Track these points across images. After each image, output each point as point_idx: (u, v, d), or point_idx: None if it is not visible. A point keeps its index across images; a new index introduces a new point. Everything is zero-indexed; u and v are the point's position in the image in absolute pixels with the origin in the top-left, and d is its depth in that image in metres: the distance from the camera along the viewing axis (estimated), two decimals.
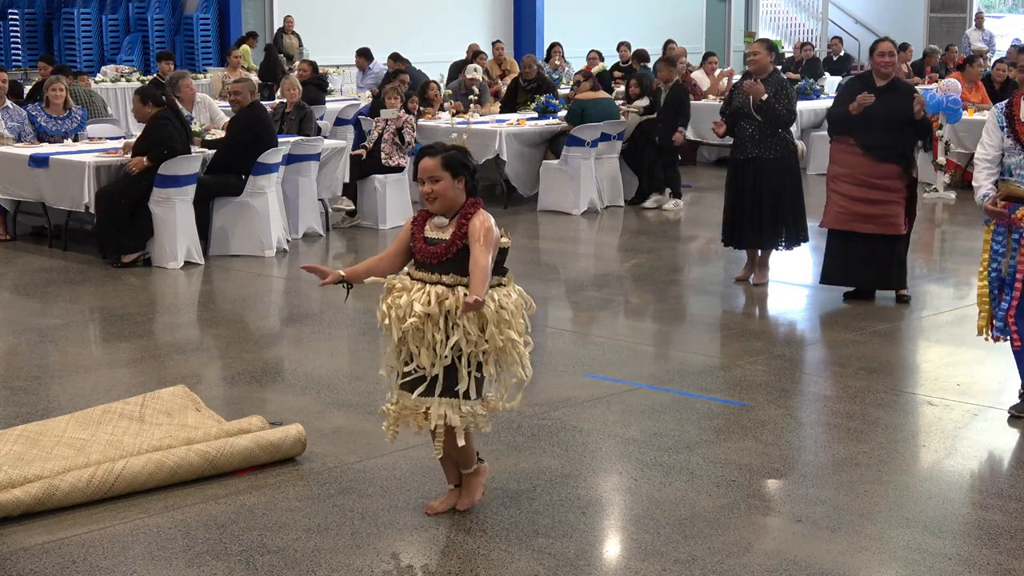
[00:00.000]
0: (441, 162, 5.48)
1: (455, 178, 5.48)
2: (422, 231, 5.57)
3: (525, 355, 5.60)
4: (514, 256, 12.62)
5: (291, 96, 14.45)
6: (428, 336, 5.42)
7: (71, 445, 6.46)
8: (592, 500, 6.08)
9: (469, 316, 5.36)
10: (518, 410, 7.26)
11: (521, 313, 5.60)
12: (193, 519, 5.82)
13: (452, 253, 5.44)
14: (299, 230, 13.06)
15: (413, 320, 5.39)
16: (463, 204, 5.52)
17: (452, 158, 5.51)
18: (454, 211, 5.51)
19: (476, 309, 5.27)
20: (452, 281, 5.43)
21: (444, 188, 5.47)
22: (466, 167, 5.54)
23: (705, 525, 5.72)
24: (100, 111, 16.05)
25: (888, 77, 9.79)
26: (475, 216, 5.47)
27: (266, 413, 6.99)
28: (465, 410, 5.52)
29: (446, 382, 5.47)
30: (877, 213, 9.83)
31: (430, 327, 5.41)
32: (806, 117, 18.30)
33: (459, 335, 5.39)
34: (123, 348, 8.99)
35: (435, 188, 5.47)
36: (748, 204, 10.58)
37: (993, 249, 7.23)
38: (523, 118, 16.00)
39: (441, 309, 5.40)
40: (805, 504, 5.98)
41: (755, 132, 10.46)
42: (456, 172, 5.49)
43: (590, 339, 9.30)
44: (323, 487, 6.18)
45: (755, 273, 10.80)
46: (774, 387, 8.00)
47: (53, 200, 12.25)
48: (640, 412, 7.38)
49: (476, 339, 5.42)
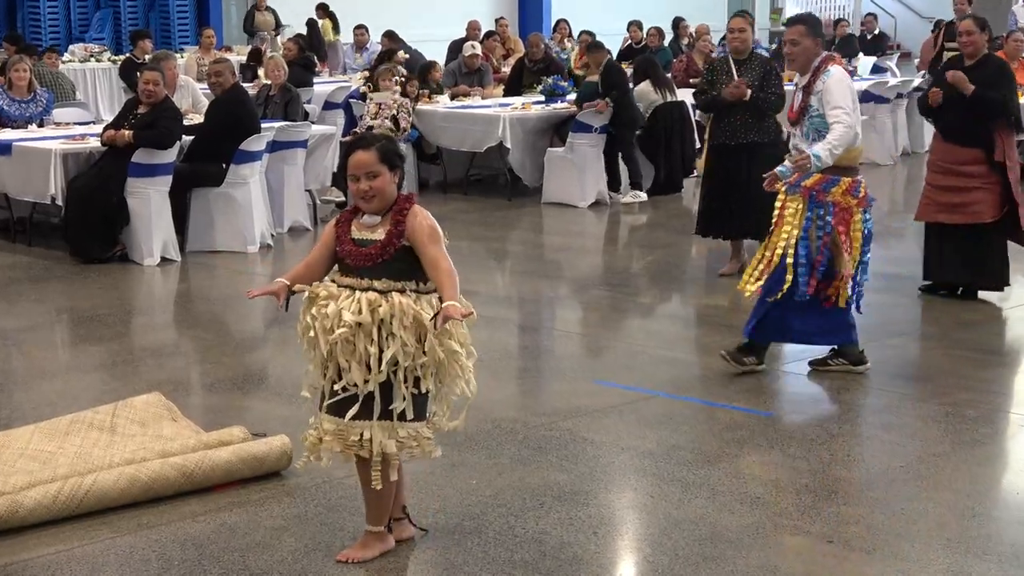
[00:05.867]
0: (378, 155, 5.30)
1: (392, 172, 5.32)
2: (348, 232, 5.37)
3: (468, 368, 5.38)
4: (517, 252, 12.73)
5: (276, 78, 14.46)
6: (360, 349, 5.23)
7: (36, 458, 6.45)
8: (604, 519, 6.07)
9: (405, 325, 5.18)
10: (523, 420, 7.28)
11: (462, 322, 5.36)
12: (169, 538, 5.81)
13: (389, 254, 5.25)
14: (284, 224, 13.06)
15: (342, 331, 5.21)
16: (395, 200, 5.35)
17: (388, 150, 5.34)
18: (386, 208, 5.34)
19: (466, 317, 5.13)
20: (384, 287, 5.25)
21: (383, 184, 5.29)
22: (401, 158, 5.42)
23: (728, 546, 5.71)
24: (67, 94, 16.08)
25: (974, 57, 9.90)
26: (412, 214, 5.29)
27: (248, 423, 6.98)
28: (403, 434, 5.34)
29: (382, 402, 5.29)
30: (960, 202, 9.92)
31: (362, 338, 5.22)
32: None
33: (396, 347, 5.22)
34: (93, 352, 8.99)
35: (373, 185, 5.28)
36: (739, 192, 10.63)
37: None
38: (528, 102, 15.99)
39: (374, 318, 5.19)
40: (837, 523, 5.97)
41: (748, 117, 10.57)
42: (393, 165, 5.33)
43: (601, 343, 9.29)
44: (310, 504, 6.17)
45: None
46: (802, 395, 7.99)
47: (16, 191, 12.26)
48: (656, 422, 7.37)
49: (414, 351, 5.23)
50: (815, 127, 7.88)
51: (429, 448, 5.46)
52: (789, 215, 7.90)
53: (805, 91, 7.93)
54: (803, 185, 7.86)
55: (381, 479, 5.37)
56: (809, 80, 7.92)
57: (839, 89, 7.82)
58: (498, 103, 16.27)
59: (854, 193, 7.87)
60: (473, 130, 15.32)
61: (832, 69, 7.88)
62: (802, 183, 7.86)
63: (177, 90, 13.90)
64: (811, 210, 7.86)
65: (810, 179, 7.83)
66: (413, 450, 5.42)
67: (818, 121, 7.85)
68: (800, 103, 7.96)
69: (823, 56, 7.99)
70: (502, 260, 12.52)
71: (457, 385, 5.37)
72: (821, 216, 7.85)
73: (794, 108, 8.04)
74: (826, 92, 7.81)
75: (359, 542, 5.60)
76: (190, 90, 14.47)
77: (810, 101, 7.88)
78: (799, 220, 7.87)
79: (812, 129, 7.90)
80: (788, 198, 7.94)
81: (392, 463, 5.38)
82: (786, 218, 7.91)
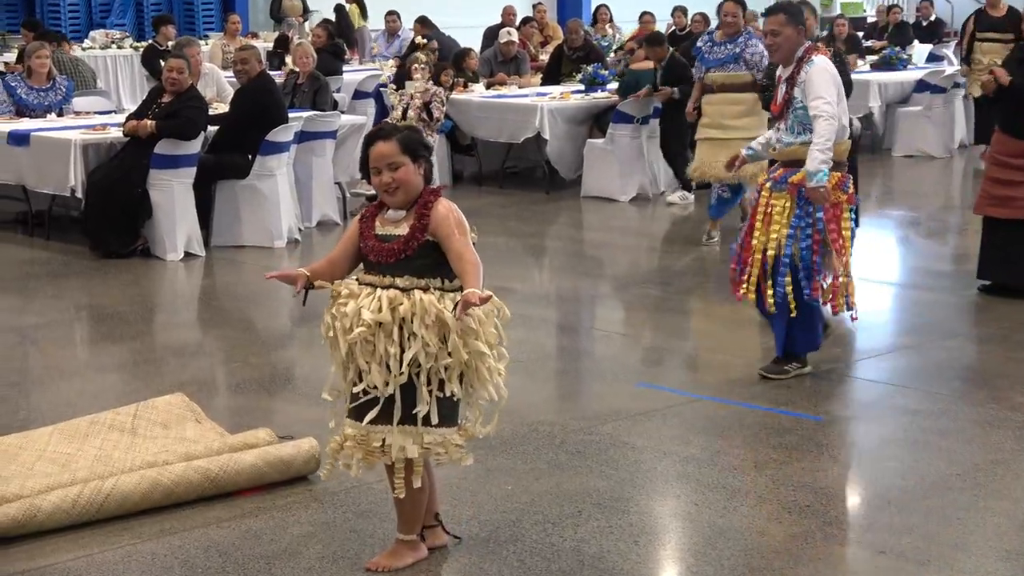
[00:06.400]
0: (400, 146, 5.28)
1: (416, 163, 5.31)
2: (372, 228, 5.37)
3: (497, 371, 5.34)
4: (555, 248, 12.73)
5: (303, 65, 14.49)
6: (380, 349, 5.21)
7: (54, 460, 6.49)
8: (645, 527, 6.06)
9: (427, 324, 5.14)
10: (561, 424, 7.28)
11: (492, 321, 5.34)
12: (192, 545, 5.83)
13: (412, 249, 5.24)
14: (313, 218, 13.09)
15: (361, 330, 5.19)
16: (420, 193, 5.35)
17: (410, 140, 5.33)
18: (411, 202, 5.33)
19: (481, 306, 5.08)
20: (407, 284, 5.23)
21: (406, 176, 5.27)
22: (426, 148, 5.39)
23: (775, 557, 5.70)
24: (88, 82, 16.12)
25: None
26: (437, 206, 5.28)
27: (275, 426, 7.00)
28: (429, 440, 5.30)
29: (404, 406, 5.27)
30: (1010, 195, 9.91)
31: (382, 338, 5.20)
32: (892, 91, 18.21)
33: (417, 347, 5.19)
34: (114, 351, 9.02)
35: (396, 176, 5.27)
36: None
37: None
38: (567, 91, 15.98)
39: (395, 317, 5.16)
40: (890, 534, 5.94)
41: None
42: (417, 156, 5.31)
43: (643, 344, 9.27)
44: (339, 510, 6.18)
45: None
46: (854, 399, 7.96)
47: (34, 183, 12.32)
48: (701, 427, 7.36)
49: (437, 352, 5.19)
50: (799, 119, 7.84)
51: (458, 456, 5.44)
52: (777, 213, 7.86)
53: (789, 82, 7.87)
54: (790, 182, 7.82)
55: (404, 487, 5.37)
56: (792, 71, 7.87)
57: (821, 79, 7.77)
58: (535, 92, 16.25)
59: (844, 188, 7.86)
60: (509, 120, 15.33)
61: (816, 59, 7.84)
62: (789, 179, 7.83)
63: (201, 78, 13.92)
64: (800, 207, 7.83)
65: (798, 175, 7.79)
66: (440, 457, 5.40)
67: (802, 113, 7.81)
68: (784, 95, 7.91)
69: (807, 46, 7.93)
70: (539, 256, 12.52)
71: (485, 389, 5.34)
72: (810, 213, 7.81)
73: (777, 101, 8.02)
74: (808, 82, 7.76)
75: (389, 550, 5.61)
76: (215, 78, 14.51)
77: (794, 93, 7.84)
78: (787, 219, 7.83)
79: (796, 122, 7.86)
80: (773, 195, 7.89)
81: (416, 471, 5.36)
82: (774, 217, 7.86)
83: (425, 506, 5.61)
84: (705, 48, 12.18)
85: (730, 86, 11.91)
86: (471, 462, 5.53)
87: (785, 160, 7.93)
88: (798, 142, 7.84)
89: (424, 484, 5.49)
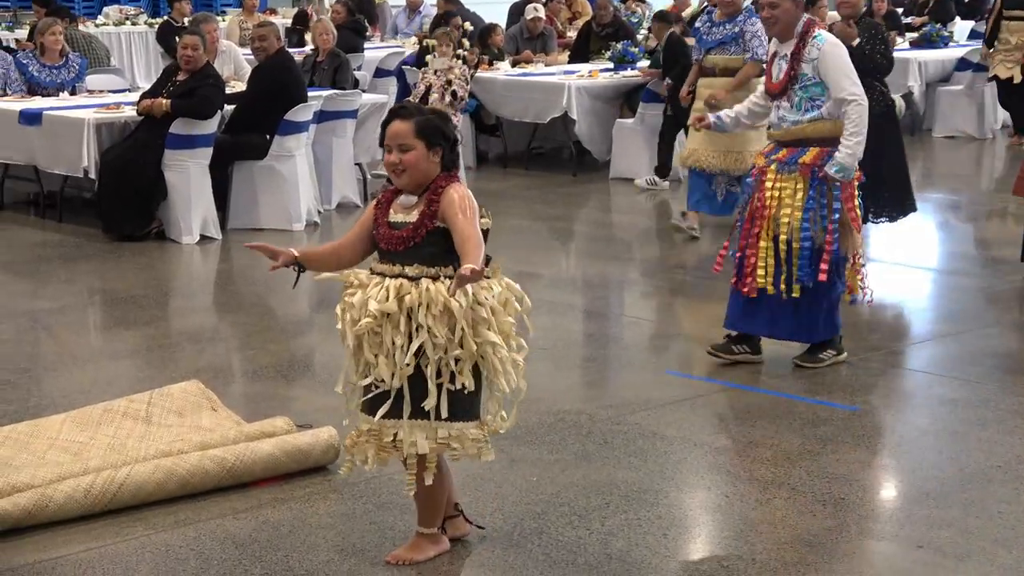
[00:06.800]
0: (415, 127, 5.24)
1: (430, 149, 5.25)
2: (386, 214, 5.35)
3: (511, 362, 5.32)
4: (583, 232, 12.73)
5: (324, 42, 14.50)
6: (387, 341, 5.22)
7: (67, 449, 6.51)
8: (675, 520, 6.07)
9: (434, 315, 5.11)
10: (588, 413, 7.28)
11: (511, 311, 5.33)
12: (207, 536, 5.85)
13: (420, 236, 5.21)
14: (332, 200, 13.11)
15: (367, 321, 5.18)
16: (434, 179, 5.30)
17: (428, 124, 5.27)
18: (424, 188, 5.30)
19: (475, 280, 5.00)
20: (416, 272, 5.19)
21: (414, 160, 5.25)
22: (445, 136, 5.31)
23: (808, 551, 5.69)
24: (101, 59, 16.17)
25: None
26: (448, 190, 5.24)
27: (293, 414, 7.02)
28: (443, 434, 5.31)
29: (413, 399, 5.27)
30: None
31: (389, 330, 5.21)
32: (932, 69, 18.13)
33: (423, 338, 5.15)
34: (127, 336, 9.05)
35: (404, 159, 5.25)
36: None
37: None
38: (596, 69, 15.95)
39: (402, 307, 5.16)
40: (927, 527, 5.94)
41: None
42: (432, 142, 5.26)
43: (673, 330, 9.27)
44: (359, 501, 6.20)
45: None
46: (891, 388, 7.95)
47: (46, 163, 12.36)
48: (732, 416, 7.36)
49: (445, 343, 5.17)
50: (809, 96, 7.80)
51: (474, 451, 5.41)
52: (788, 196, 7.82)
53: (794, 58, 7.81)
54: (801, 162, 7.79)
55: (416, 482, 5.37)
56: (797, 46, 7.83)
57: (843, 59, 7.79)
58: (563, 70, 16.24)
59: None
60: (536, 99, 15.31)
61: (824, 35, 7.85)
62: (799, 159, 7.79)
63: (218, 56, 13.95)
64: (813, 188, 7.80)
65: (808, 154, 7.77)
66: (455, 452, 5.38)
67: (815, 90, 7.78)
68: (787, 71, 7.84)
69: (806, 20, 7.90)
70: (566, 241, 12.51)
71: (499, 381, 5.31)
72: (825, 194, 7.80)
73: (776, 78, 7.95)
74: (826, 61, 7.73)
75: (410, 543, 5.62)
76: (232, 56, 14.53)
77: (802, 69, 7.80)
78: (801, 201, 7.79)
79: (806, 99, 7.81)
80: (781, 177, 7.85)
81: (429, 467, 5.35)
82: (784, 200, 7.83)
83: (445, 499, 5.62)
84: (704, 29, 11.81)
85: (732, 69, 11.66)
86: (491, 457, 5.51)
87: (791, 140, 7.88)
88: (806, 120, 7.81)
89: (444, 479, 5.50)
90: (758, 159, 8.06)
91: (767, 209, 7.83)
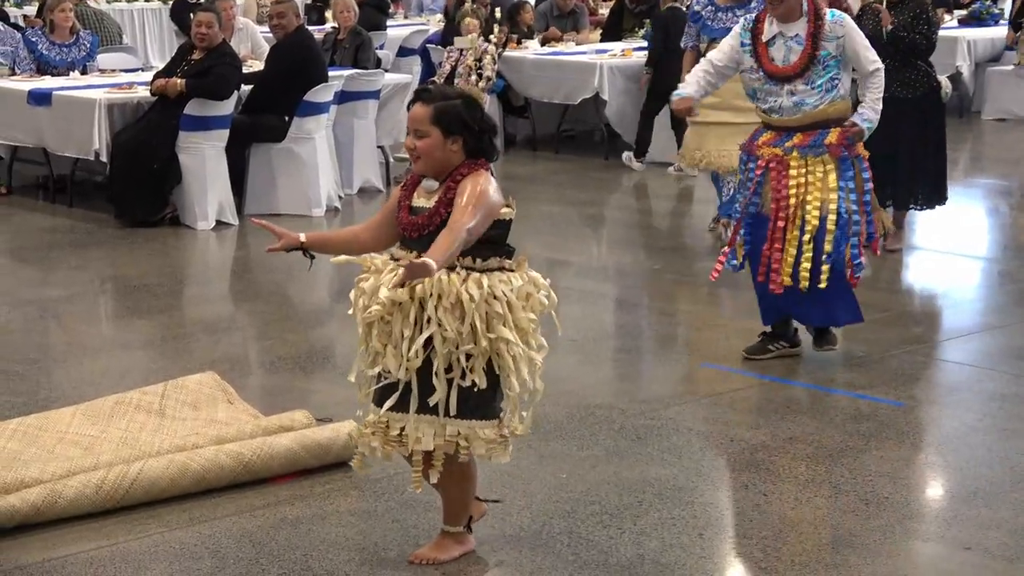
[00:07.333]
0: (432, 114, 5.21)
1: (447, 137, 5.21)
2: (410, 197, 5.34)
3: (526, 360, 5.28)
4: (615, 219, 12.72)
5: (344, 20, 14.49)
6: (396, 331, 5.22)
7: (77, 443, 6.53)
8: (711, 519, 6.06)
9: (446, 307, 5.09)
10: (620, 407, 7.28)
11: (533, 307, 5.29)
12: (223, 534, 5.87)
13: (435, 224, 5.18)
14: (354, 184, 13.12)
15: (376, 309, 5.16)
16: (457, 166, 5.27)
17: (447, 111, 5.21)
18: (445, 174, 5.27)
19: (413, 277, 4.96)
20: None
21: (429, 147, 5.22)
22: (466, 125, 5.24)
23: (851, 552, 5.69)
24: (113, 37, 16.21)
25: None
26: (467, 178, 5.21)
27: (312, 407, 7.03)
28: (451, 431, 5.28)
29: (421, 394, 5.26)
30: None
31: (399, 319, 5.20)
32: (981, 48, 18.06)
33: (432, 330, 5.12)
34: (140, 326, 9.08)
35: (418, 145, 5.23)
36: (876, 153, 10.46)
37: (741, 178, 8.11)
38: (629, 48, 15.93)
39: (413, 296, 5.15)
40: (975, 528, 5.92)
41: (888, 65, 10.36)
42: (450, 130, 5.20)
43: (709, 321, 9.25)
44: (380, 499, 6.21)
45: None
46: (937, 383, 7.93)
47: (56, 146, 12.38)
48: (771, 411, 7.35)
49: (455, 337, 5.14)
50: (830, 76, 7.78)
51: (483, 450, 5.35)
52: (816, 180, 7.78)
53: (814, 38, 7.77)
54: (827, 143, 7.77)
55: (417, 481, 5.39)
56: (814, 25, 7.78)
57: (860, 32, 7.90)
58: (595, 49, 16.22)
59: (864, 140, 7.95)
60: (566, 80, 15.29)
61: (835, 11, 7.88)
62: (824, 141, 7.77)
63: (235, 33, 13.97)
64: (846, 169, 7.80)
65: (831, 135, 7.77)
66: (463, 451, 5.32)
67: (834, 69, 7.79)
68: (805, 52, 7.78)
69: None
70: (597, 227, 12.51)
71: (511, 381, 5.27)
72: (854, 174, 7.82)
73: (782, 60, 7.84)
74: (853, 38, 7.79)
75: (435, 542, 5.62)
76: (249, 33, 14.55)
77: (823, 48, 7.76)
78: (834, 183, 7.77)
79: (827, 79, 7.78)
80: (807, 161, 7.79)
81: (435, 464, 5.33)
82: (814, 184, 7.78)
83: (472, 495, 5.62)
84: (706, 14, 10.99)
85: None
86: (505, 459, 5.46)
87: (809, 124, 7.81)
88: (826, 102, 7.80)
89: (472, 474, 5.50)
90: (763, 150, 7.89)
91: (792, 198, 7.78)
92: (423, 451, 5.31)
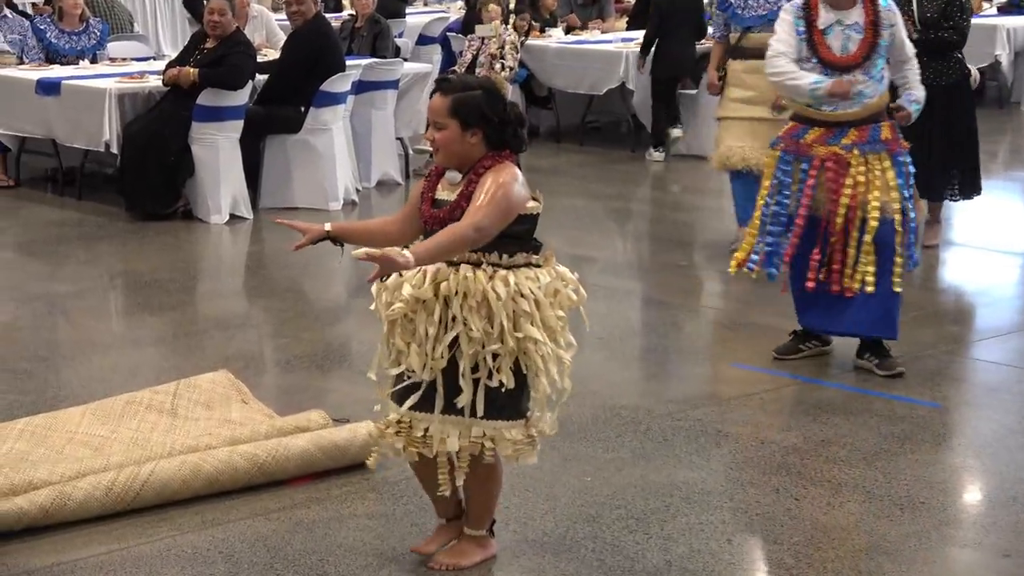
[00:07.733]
0: (450, 105, 5.17)
1: (466, 130, 5.16)
2: (433, 189, 5.32)
3: (555, 359, 5.27)
4: (642, 212, 12.71)
5: (363, 7, 14.52)
6: (420, 330, 5.20)
7: (87, 444, 6.54)
8: (740, 524, 6.06)
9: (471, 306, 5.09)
10: (647, 408, 7.27)
11: (562, 303, 5.28)
12: (237, 537, 5.87)
13: (456, 218, 5.14)
14: (372, 177, 13.13)
15: (399, 306, 5.17)
16: (480, 158, 5.23)
17: (466, 102, 5.16)
18: (468, 166, 5.24)
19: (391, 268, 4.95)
20: (457, 257, 5.16)
21: (447, 139, 5.19)
22: (485, 117, 5.19)
23: (885, 559, 5.68)
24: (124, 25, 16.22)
25: None
26: (489, 172, 5.18)
27: (328, 407, 7.04)
28: (476, 433, 5.27)
29: (447, 394, 5.26)
30: None
31: (423, 317, 5.19)
32: (1021, 36, 18.00)
33: (457, 329, 5.13)
34: (152, 322, 9.09)
35: (437, 137, 5.21)
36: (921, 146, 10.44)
37: (779, 179, 7.88)
38: None
39: (438, 294, 5.14)
40: (1015, 534, 5.91)
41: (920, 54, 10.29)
42: (468, 122, 5.16)
43: (739, 319, 9.25)
44: (399, 502, 6.21)
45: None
46: (975, 384, 7.91)
47: (65, 137, 12.42)
48: (803, 413, 7.34)
49: (482, 336, 5.14)
50: (882, 66, 7.80)
51: (510, 451, 5.35)
52: (876, 178, 7.71)
53: (874, 26, 7.73)
54: (883, 139, 7.73)
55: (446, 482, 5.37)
56: (871, 12, 7.75)
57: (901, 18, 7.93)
58: (620, 38, 16.21)
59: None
60: (591, 69, 15.29)
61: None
62: (879, 137, 7.73)
63: (249, 22, 14.00)
64: (900, 165, 7.76)
65: (884, 129, 7.74)
66: (488, 453, 5.31)
67: (883, 57, 7.80)
68: (867, 41, 7.74)
69: None
70: (623, 222, 12.50)
71: (539, 380, 5.27)
72: (905, 169, 7.79)
73: (841, 50, 7.76)
74: (899, 24, 7.81)
75: (455, 547, 5.62)
76: (264, 21, 14.56)
77: (882, 37, 7.74)
78: (893, 180, 7.72)
79: (880, 68, 7.78)
80: (868, 158, 7.72)
81: (460, 466, 5.33)
82: (875, 183, 7.70)
83: (498, 498, 5.62)
84: (736, 2, 10.60)
85: None
86: (532, 460, 5.47)
87: (866, 117, 7.76)
88: (879, 93, 7.79)
89: (498, 476, 5.50)
90: (816, 149, 7.75)
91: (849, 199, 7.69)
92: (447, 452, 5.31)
